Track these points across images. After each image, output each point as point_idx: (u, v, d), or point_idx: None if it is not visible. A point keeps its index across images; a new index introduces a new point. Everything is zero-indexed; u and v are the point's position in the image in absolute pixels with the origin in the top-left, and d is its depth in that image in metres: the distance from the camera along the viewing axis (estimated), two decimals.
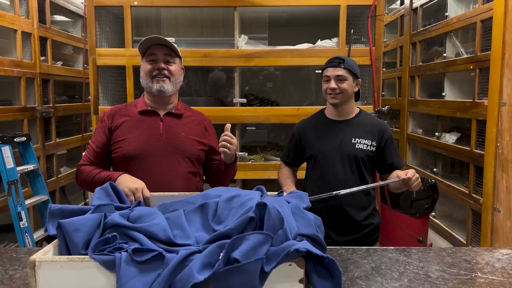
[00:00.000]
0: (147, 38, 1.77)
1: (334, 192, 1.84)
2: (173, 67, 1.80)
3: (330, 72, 1.96)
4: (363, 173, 2.00)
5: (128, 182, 1.54)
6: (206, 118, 1.98)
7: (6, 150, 3.20)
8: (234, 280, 0.86)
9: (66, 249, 1.02)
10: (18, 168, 3.31)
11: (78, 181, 1.80)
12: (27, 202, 3.39)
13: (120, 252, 0.94)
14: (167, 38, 3.00)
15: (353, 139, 1.99)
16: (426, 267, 1.37)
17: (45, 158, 3.92)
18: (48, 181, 3.89)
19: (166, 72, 1.77)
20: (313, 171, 2.06)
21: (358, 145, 1.98)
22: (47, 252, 1.00)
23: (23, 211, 3.28)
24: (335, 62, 1.97)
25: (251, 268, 0.88)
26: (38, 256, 0.94)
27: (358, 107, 2.10)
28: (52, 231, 1.04)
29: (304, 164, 2.17)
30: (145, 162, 1.73)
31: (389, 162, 2.03)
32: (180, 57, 1.87)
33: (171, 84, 1.79)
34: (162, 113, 1.84)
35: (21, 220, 3.27)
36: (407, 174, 1.77)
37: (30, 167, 3.47)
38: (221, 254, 0.89)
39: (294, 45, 3.04)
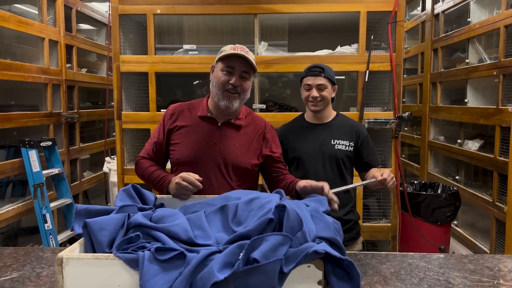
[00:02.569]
0: (232, 53, 1.69)
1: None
2: (246, 84, 1.75)
3: (311, 81, 2.07)
4: (343, 172, 2.11)
5: (176, 183, 1.58)
6: (265, 125, 1.90)
7: (33, 154, 3.30)
8: (253, 280, 0.88)
9: (92, 247, 1.06)
10: (44, 172, 3.41)
11: (137, 173, 1.88)
12: (52, 205, 3.49)
13: (143, 251, 0.97)
14: (190, 46, 3.10)
15: (332, 140, 2.12)
16: (447, 273, 1.35)
17: (69, 162, 4.02)
18: (71, 184, 3.99)
19: (239, 88, 1.72)
20: (295, 172, 2.14)
21: (337, 146, 2.11)
22: (74, 249, 1.03)
23: (48, 214, 3.37)
24: (316, 71, 2.07)
25: (270, 269, 0.89)
26: (65, 253, 0.98)
27: (335, 111, 2.23)
28: (78, 230, 1.08)
29: None
30: (195, 169, 1.68)
31: (366, 161, 2.14)
32: (255, 72, 1.80)
33: (239, 101, 1.75)
34: (221, 121, 1.80)
35: (46, 222, 3.36)
36: (382, 175, 1.82)
37: (55, 170, 3.57)
38: (241, 254, 0.91)
39: (314, 51, 3.05)
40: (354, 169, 2.23)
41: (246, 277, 0.88)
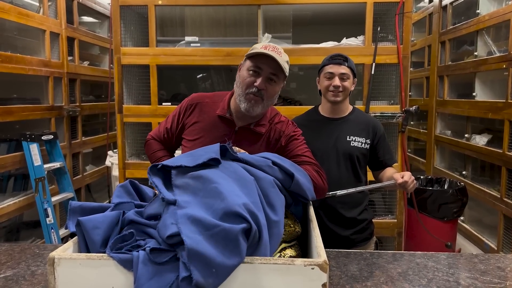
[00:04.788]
0: (261, 52, 1.52)
1: (331, 193, 1.80)
2: (273, 89, 1.57)
3: (334, 69, 1.94)
4: (357, 170, 2.00)
5: None
6: (288, 130, 1.68)
7: (34, 148, 3.27)
8: None
9: (85, 246, 1.01)
10: (45, 166, 3.38)
11: (146, 153, 1.81)
12: (54, 199, 3.46)
13: (138, 251, 0.93)
14: (192, 38, 3.04)
15: (348, 136, 2.00)
16: (456, 274, 1.30)
17: (71, 156, 3.99)
18: (74, 178, 3.96)
19: (263, 92, 1.54)
20: None
21: (353, 143, 1.99)
22: (67, 249, 0.99)
23: (49, 208, 3.34)
24: (339, 59, 1.95)
25: None
26: (57, 253, 0.93)
27: (351, 105, 2.11)
28: (72, 228, 1.03)
29: None
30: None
31: (381, 159, 2.04)
32: (286, 76, 1.62)
33: (261, 107, 1.57)
34: (239, 124, 1.64)
35: (48, 216, 3.34)
36: (403, 177, 1.74)
37: (56, 164, 3.54)
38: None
39: (319, 43, 2.98)
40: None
41: None
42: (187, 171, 1.08)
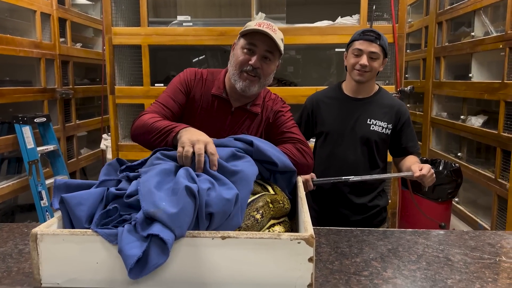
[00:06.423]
0: (255, 30, 1.44)
1: (343, 178, 1.75)
2: (268, 67, 1.50)
3: (364, 46, 1.78)
4: (374, 157, 1.90)
5: (190, 134, 1.22)
6: (276, 106, 1.62)
7: (27, 131, 3.24)
8: None
9: (70, 223, 1.00)
10: (39, 149, 3.35)
11: (132, 128, 1.48)
12: (48, 181, 3.44)
13: (123, 226, 0.91)
14: (184, 17, 2.99)
15: (368, 119, 1.87)
16: (446, 250, 1.30)
17: (66, 139, 3.97)
18: (68, 162, 3.95)
19: (259, 71, 1.48)
20: (321, 149, 1.96)
21: (373, 127, 1.87)
22: (50, 225, 0.97)
23: (43, 191, 3.33)
24: (371, 36, 1.78)
25: None
26: (40, 229, 0.92)
27: (377, 84, 1.98)
28: (56, 205, 1.02)
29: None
30: None
31: (404, 146, 1.92)
32: (281, 54, 1.54)
33: (258, 85, 1.51)
34: (235, 104, 1.57)
35: (42, 199, 3.33)
36: (422, 170, 1.67)
37: (50, 147, 3.51)
38: None
39: (313, 23, 2.94)
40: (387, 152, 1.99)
41: None
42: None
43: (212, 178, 1.05)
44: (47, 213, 3.35)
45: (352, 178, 1.74)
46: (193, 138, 1.18)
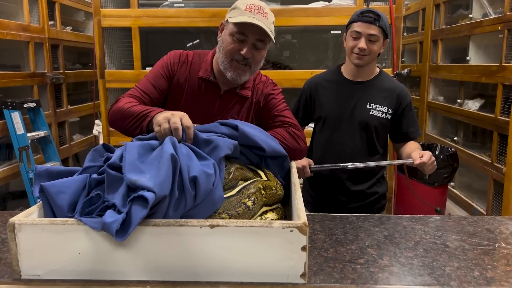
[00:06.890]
0: (246, 21, 1.35)
1: (341, 165, 1.70)
2: (259, 54, 1.44)
3: (363, 28, 1.70)
4: (374, 142, 1.84)
5: (164, 113, 1.20)
6: (267, 89, 1.57)
7: (16, 116, 3.16)
8: None
9: (51, 212, 0.95)
10: (29, 135, 3.28)
11: (109, 114, 1.45)
12: None
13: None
14: None
15: (368, 104, 1.81)
16: (444, 236, 1.27)
17: (57, 125, 3.89)
18: (60, 148, 3.88)
19: (250, 60, 1.42)
20: (320, 134, 1.91)
21: (372, 112, 1.81)
22: (30, 214, 0.93)
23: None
24: (370, 17, 1.70)
25: None
26: (18, 218, 0.87)
27: (378, 67, 1.91)
28: (37, 193, 0.97)
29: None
30: None
31: (404, 131, 1.87)
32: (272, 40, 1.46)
33: (249, 73, 1.46)
34: (224, 88, 1.51)
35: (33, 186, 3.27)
36: (422, 157, 1.63)
37: (41, 133, 3.44)
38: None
39: (308, 4, 2.86)
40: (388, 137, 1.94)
41: None
42: None
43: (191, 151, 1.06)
44: (39, 200, 3.30)
45: (351, 165, 1.70)
46: (167, 115, 1.17)
